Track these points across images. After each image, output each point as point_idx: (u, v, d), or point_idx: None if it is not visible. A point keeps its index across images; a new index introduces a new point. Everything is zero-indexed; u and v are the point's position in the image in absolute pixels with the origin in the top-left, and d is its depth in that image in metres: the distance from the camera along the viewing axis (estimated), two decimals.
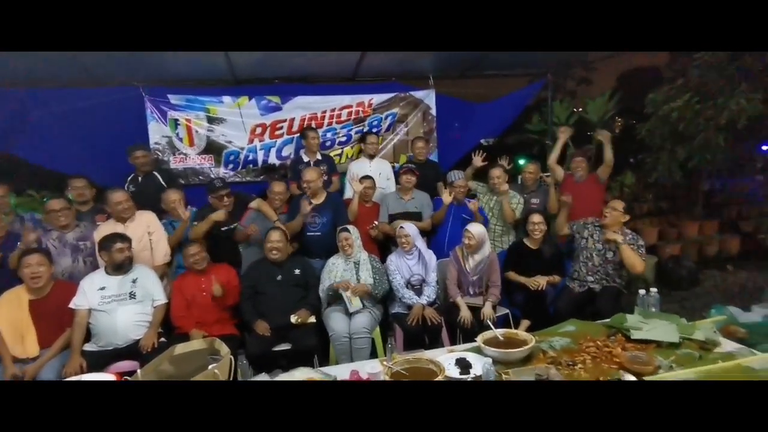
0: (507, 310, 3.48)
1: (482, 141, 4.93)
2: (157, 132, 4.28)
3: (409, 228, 3.37)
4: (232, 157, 4.49)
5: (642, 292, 2.41)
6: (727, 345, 2.09)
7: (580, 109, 6.38)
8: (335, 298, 3.27)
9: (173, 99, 4.26)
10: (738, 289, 4.81)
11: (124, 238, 2.91)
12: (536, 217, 3.47)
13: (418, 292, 3.32)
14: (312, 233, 3.56)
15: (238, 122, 4.44)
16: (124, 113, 4.12)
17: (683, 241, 5.36)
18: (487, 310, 3.18)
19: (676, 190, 5.78)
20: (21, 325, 2.73)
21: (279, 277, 3.18)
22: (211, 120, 4.39)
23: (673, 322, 2.23)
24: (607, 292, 3.26)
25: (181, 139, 4.36)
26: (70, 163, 3.93)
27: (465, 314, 3.19)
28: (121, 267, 2.88)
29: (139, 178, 3.82)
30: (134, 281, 2.92)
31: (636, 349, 2.05)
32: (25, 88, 3.94)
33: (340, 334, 3.07)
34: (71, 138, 4.02)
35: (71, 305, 2.79)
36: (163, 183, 3.79)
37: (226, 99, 4.39)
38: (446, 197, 3.69)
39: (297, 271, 3.23)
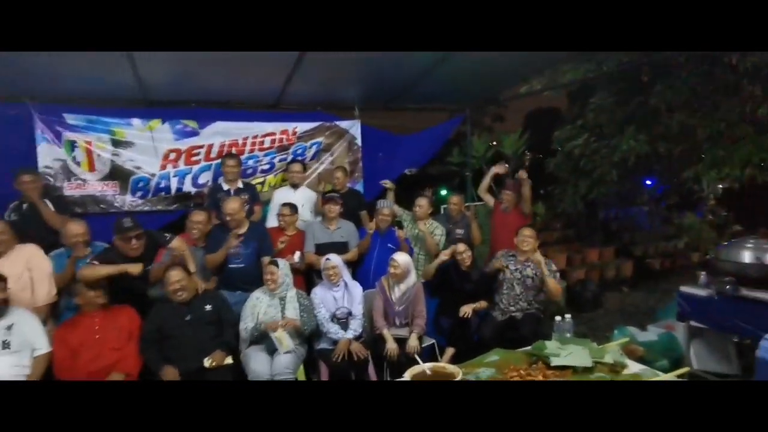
0: (433, 340, 3.48)
1: (406, 171, 5.02)
2: (48, 154, 3.79)
3: (336, 259, 3.29)
4: (140, 184, 4.11)
5: (558, 318, 2.53)
6: (633, 366, 2.23)
7: (495, 143, 6.86)
8: (262, 337, 3.05)
9: (70, 119, 3.83)
10: (633, 309, 5.32)
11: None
12: (461, 247, 3.56)
13: (344, 326, 3.21)
14: (235, 265, 3.33)
15: (148, 146, 4.09)
16: (9, 133, 3.61)
17: (587, 266, 5.85)
18: (412, 342, 3.15)
19: (579, 219, 6.34)
20: None
21: (188, 317, 2.89)
22: (116, 143, 4.00)
23: (585, 347, 2.35)
24: (528, 319, 3.41)
25: (78, 163, 3.90)
26: None
27: (391, 347, 3.13)
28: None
29: (24, 206, 3.33)
30: (9, 328, 2.48)
31: (555, 375, 2.12)
32: None
33: (261, 375, 2.85)
34: None
35: None
36: (52, 211, 3.33)
37: (136, 121, 4.04)
38: (369, 225, 3.67)
39: (208, 308, 2.96)
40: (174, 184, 4.20)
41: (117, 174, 4.02)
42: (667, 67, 4.07)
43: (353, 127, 4.91)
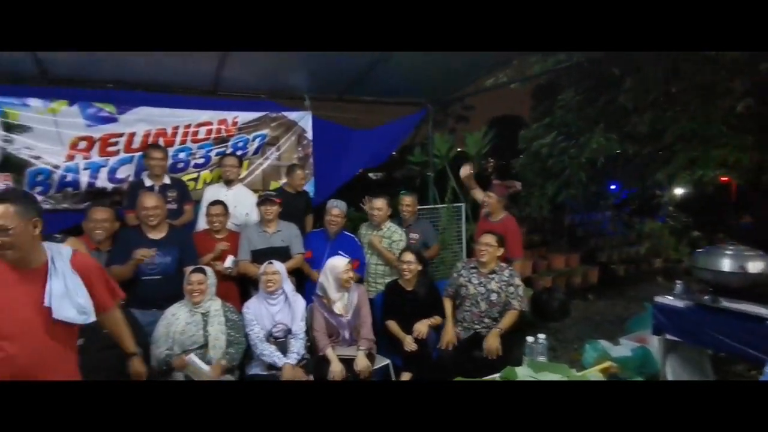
0: (387, 360, 3.04)
1: (371, 175, 4.60)
2: None
3: (279, 265, 2.82)
4: (40, 177, 3.42)
5: (530, 339, 2.14)
6: None
7: (459, 149, 6.56)
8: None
9: None
10: (600, 318, 5.09)
11: None
12: (408, 256, 3.14)
13: (282, 347, 2.71)
14: (149, 276, 2.79)
15: (51, 133, 3.42)
16: None
17: (553, 273, 5.60)
18: (360, 362, 2.70)
19: (545, 223, 6.11)
20: None
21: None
22: (9, 127, 3.31)
23: (563, 374, 1.96)
24: None
25: None
26: None
27: (335, 369, 2.67)
28: None
29: None
30: None
31: None
32: None
33: None
34: None
35: None
36: None
37: (34, 102, 3.36)
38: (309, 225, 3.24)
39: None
40: (84, 178, 3.54)
41: (9, 164, 3.32)
42: (638, 63, 3.85)
43: (303, 119, 4.41)
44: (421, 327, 2.98)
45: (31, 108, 3.35)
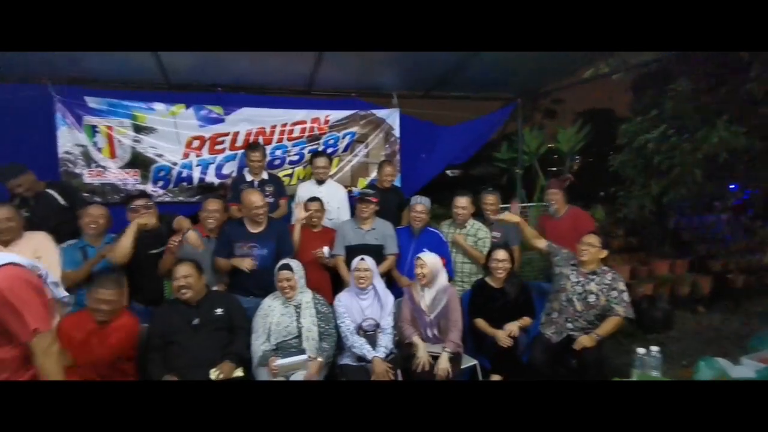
0: (474, 361, 2.97)
1: (448, 173, 4.53)
2: (68, 139, 3.61)
3: (371, 261, 2.86)
4: (162, 173, 3.86)
5: (641, 350, 1.96)
6: None
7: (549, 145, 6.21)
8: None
9: (92, 102, 3.63)
10: (713, 333, 4.54)
11: None
12: (500, 254, 3.03)
13: (371, 340, 2.77)
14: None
15: (171, 133, 3.83)
16: (27, 116, 3.43)
17: (655, 280, 5.09)
18: (442, 363, 2.67)
19: (645, 226, 5.57)
20: None
21: (195, 321, 2.55)
22: (138, 129, 3.76)
23: None
24: None
25: (99, 149, 3.70)
26: None
27: (422, 356, 2.67)
28: None
29: (31, 201, 3.02)
30: None
31: None
32: None
33: None
34: None
35: None
36: (61, 202, 3.08)
37: (159, 106, 3.79)
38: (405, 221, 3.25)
39: (219, 312, 2.61)
40: (196, 173, 3.93)
41: (138, 162, 3.79)
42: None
43: (391, 117, 4.47)
44: (512, 327, 2.88)
45: (156, 111, 3.78)
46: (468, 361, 2.96)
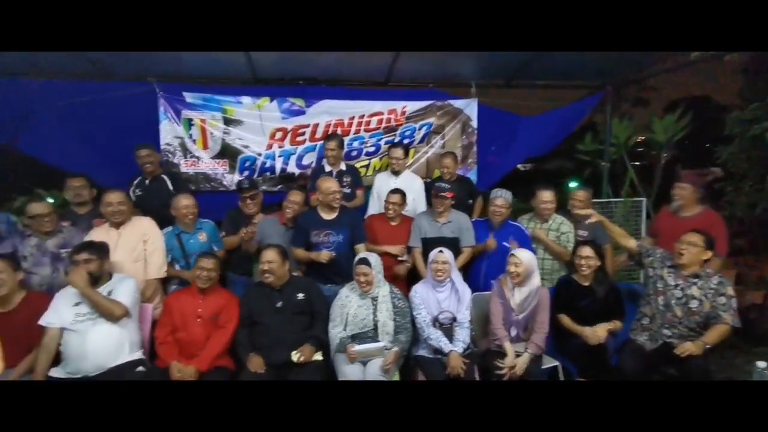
0: (556, 362, 2.83)
1: (519, 167, 4.33)
2: (169, 132, 3.93)
3: (449, 254, 2.82)
4: (247, 163, 4.08)
5: (762, 365, 1.74)
6: None
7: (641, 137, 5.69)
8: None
9: (189, 97, 3.91)
10: None
11: (94, 248, 2.48)
12: (585, 250, 2.84)
13: (446, 333, 2.73)
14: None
15: (256, 125, 4.03)
16: (135, 110, 3.79)
17: (765, 287, 4.51)
18: (521, 364, 2.57)
19: (754, 226, 4.94)
20: None
21: (279, 304, 2.67)
22: (227, 121, 4.01)
23: None
24: None
25: (194, 141, 3.99)
26: (74, 160, 3.64)
27: (510, 363, 2.59)
28: (95, 281, 2.44)
29: (147, 182, 3.44)
30: (109, 294, 2.47)
31: None
32: (28, 79, 3.65)
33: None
34: (75, 134, 3.73)
35: (41, 322, 2.39)
36: (170, 188, 3.40)
37: (246, 100, 4.00)
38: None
39: (300, 296, 2.72)
40: (279, 164, 4.11)
41: (226, 152, 4.04)
42: None
43: (468, 107, 4.35)
44: (601, 331, 2.69)
45: (243, 104, 4.00)
46: (549, 362, 2.82)
